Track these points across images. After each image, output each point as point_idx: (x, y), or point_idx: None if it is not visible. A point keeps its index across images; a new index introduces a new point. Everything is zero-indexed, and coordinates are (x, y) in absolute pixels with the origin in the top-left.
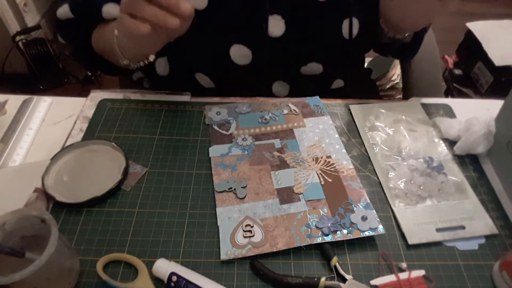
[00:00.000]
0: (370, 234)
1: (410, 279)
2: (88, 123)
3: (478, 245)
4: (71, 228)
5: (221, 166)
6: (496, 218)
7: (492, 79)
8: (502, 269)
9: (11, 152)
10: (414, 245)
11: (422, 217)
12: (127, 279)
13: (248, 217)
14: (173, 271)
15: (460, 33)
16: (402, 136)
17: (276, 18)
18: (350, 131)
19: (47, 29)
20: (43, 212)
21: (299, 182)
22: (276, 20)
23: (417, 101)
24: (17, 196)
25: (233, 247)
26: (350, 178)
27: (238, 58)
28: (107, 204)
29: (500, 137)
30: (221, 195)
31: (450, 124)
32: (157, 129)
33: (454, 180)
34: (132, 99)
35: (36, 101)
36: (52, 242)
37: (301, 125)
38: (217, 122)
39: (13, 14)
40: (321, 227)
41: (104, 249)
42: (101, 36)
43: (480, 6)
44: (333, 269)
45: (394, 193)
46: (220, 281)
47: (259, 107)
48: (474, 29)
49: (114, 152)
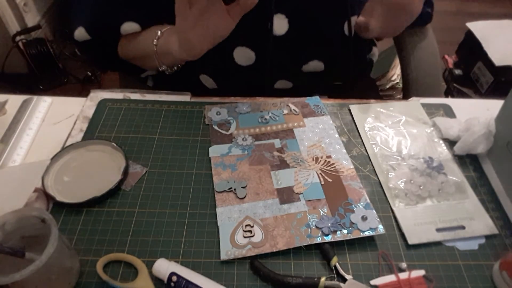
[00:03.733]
0: (370, 234)
1: (410, 279)
2: (88, 123)
3: (478, 245)
4: (71, 228)
5: (221, 166)
6: (496, 218)
7: (492, 79)
8: (502, 269)
9: (11, 152)
10: (414, 245)
11: (422, 217)
12: (127, 279)
13: (248, 217)
14: (173, 271)
15: (460, 33)
16: (402, 136)
17: (280, 17)
18: (350, 131)
19: (47, 29)
20: (43, 212)
21: (299, 182)
22: (280, 19)
23: (417, 101)
24: (17, 196)
25: (233, 247)
26: (350, 178)
27: (241, 59)
28: (107, 204)
29: (500, 137)
30: (221, 195)
31: (450, 124)
32: (157, 129)
33: (454, 180)
34: (132, 99)
35: (36, 101)
36: (52, 242)
37: (301, 125)
38: (217, 122)
39: (13, 14)
40: (321, 227)
41: (104, 249)
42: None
43: (480, 6)
44: (333, 269)
45: (394, 193)
46: (220, 281)
47: (259, 107)
48: (474, 29)
49: (114, 152)
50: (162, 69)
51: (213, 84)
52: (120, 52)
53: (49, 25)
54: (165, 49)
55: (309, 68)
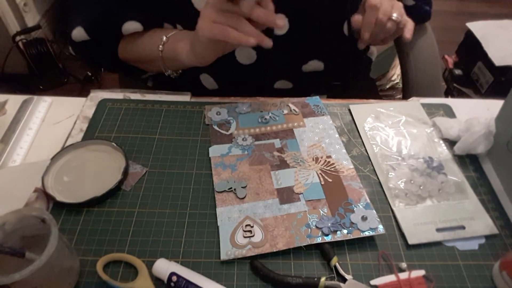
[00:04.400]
0: (370, 234)
1: (410, 279)
2: (88, 123)
3: (478, 245)
4: (71, 228)
5: (221, 166)
6: (496, 218)
7: (492, 79)
8: (502, 269)
9: (11, 152)
10: (414, 245)
11: (422, 217)
12: (127, 279)
13: (248, 217)
14: (173, 271)
15: (460, 33)
16: (402, 136)
17: (281, 16)
18: (350, 131)
19: (47, 29)
20: (43, 212)
21: (299, 182)
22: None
23: (417, 101)
24: (17, 196)
25: (233, 247)
26: (350, 178)
27: (243, 58)
28: (107, 204)
29: (500, 137)
30: (221, 195)
31: (450, 124)
32: (157, 129)
33: (454, 180)
34: (132, 99)
35: (36, 101)
36: (52, 242)
37: (301, 125)
38: (217, 122)
39: (13, 14)
40: (321, 227)
41: (104, 249)
42: (136, 50)
43: (480, 6)
44: (333, 269)
45: (394, 193)
46: (220, 281)
47: (259, 107)
48: (474, 29)
49: (114, 152)
50: (168, 73)
51: (213, 83)
52: (121, 54)
53: (49, 25)
54: (172, 55)
55: (309, 68)
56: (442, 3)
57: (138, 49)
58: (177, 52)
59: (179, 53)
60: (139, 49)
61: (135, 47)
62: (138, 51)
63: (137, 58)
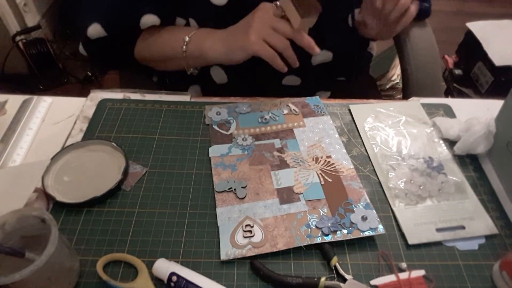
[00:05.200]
0: (370, 234)
1: (410, 279)
2: (88, 123)
3: (478, 245)
4: (71, 228)
5: (221, 166)
6: (496, 218)
7: (492, 79)
8: (502, 269)
9: (11, 152)
10: (414, 245)
11: (422, 217)
12: (127, 279)
13: (248, 217)
14: (173, 271)
15: (460, 33)
16: (402, 136)
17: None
18: (350, 131)
19: (47, 29)
20: (43, 212)
21: (299, 182)
22: None
23: (417, 101)
24: (17, 196)
25: (233, 247)
26: (350, 178)
27: None
28: (107, 204)
29: (500, 137)
30: (221, 195)
31: (450, 124)
32: (157, 129)
33: (454, 180)
34: (132, 99)
35: (36, 101)
36: (52, 242)
37: (301, 125)
38: (217, 122)
39: (13, 14)
40: (321, 227)
41: (104, 249)
42: (156, 50)
43: (480, 6)
44: (333, 269)
45: (394, 193)
46: (220, 281)
47: (259, 107)
48: (474, 29)
49: (114, 152)
50: (190, 72)
51: (223, 77)
52: (138, 53)
53: (49, 25)
54: (197, 54)
55: (318, 59)
56: (442, 3)
57: (157, 49)
58: (203, 52)
59: (205, 52)
60: (158, 49)
61: (154, 47)
62: (157, 51)
63: (156, 58)
